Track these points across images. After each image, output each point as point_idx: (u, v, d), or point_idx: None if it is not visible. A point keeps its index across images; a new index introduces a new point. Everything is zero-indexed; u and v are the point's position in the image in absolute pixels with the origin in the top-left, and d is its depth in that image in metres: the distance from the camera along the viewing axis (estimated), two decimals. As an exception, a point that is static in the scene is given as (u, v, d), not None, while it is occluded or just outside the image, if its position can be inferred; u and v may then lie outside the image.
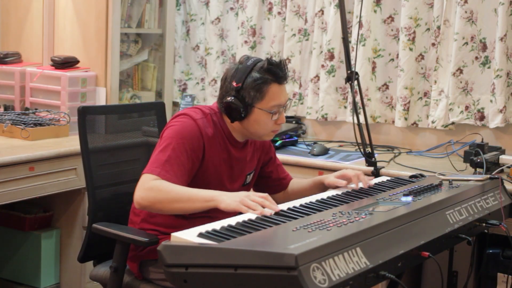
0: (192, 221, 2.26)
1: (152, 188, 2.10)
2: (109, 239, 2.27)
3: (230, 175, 2.35)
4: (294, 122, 3.85)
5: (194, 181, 2.24)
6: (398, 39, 3.60)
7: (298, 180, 2.64)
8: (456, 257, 3.05)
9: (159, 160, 2.16)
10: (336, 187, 2.42)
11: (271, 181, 2.57)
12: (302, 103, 3.92)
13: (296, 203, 2.16)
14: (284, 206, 2.09)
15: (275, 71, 2.25)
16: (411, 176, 2.73)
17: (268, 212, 1.99)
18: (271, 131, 2.33)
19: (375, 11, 3.64)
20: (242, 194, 2.06)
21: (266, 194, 2.08)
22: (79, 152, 2.50)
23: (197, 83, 4.23)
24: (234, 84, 2.25)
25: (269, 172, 2.56)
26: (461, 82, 3.44)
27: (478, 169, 2.84)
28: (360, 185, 2.41)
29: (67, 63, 3.64)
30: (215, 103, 2.36)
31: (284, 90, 2.30)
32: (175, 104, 4.20)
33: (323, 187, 2.50)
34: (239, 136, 2.35)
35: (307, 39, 3.88)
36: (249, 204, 2.01)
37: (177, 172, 2.16)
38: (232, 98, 2.25)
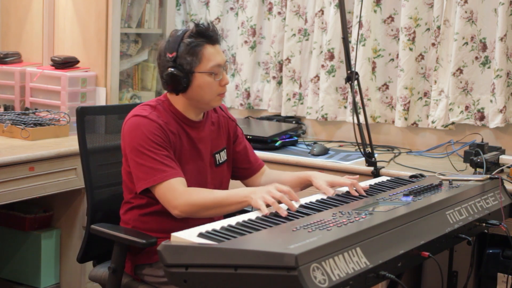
0: (184, 221, 2.25)
1: (186, 200, 2.14)
2: (108, 239, 2.27)
3: (197, 157, 2.34)
4: (294, 122, 3.85)
5: None
6: (398, 39, 3.60)
7: (278, 172, 2.59)
8: (456, 257, 3.05)
9: (150, 169, 2.17)
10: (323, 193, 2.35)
11: (238, 163, 2.53)
12: (302, 103, 3.92)
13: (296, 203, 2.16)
14: (284, 206, 2.09)
15: (206, 33, 2.26)
16: (411, 176, 2.73)
17: (284, 213, 1.99)
18: (217, 95, 2.30)
19: (375, 11, 3.64)
20: (266, 189, 2.07)
21: (288, 189, 2.08)
22: (79, 152, 2.49)
23: (197, 83, 4.23)
24: (169, 55, 2.25)
25: (237, 153, 2.52)
26: (461, 82, 3.44)
27: (478, 169, 2.84)
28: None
29: (67, 63, 3.64)
30: (163, 95, 2.36)
31: (220, 51, 2.30)
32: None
33: (308, 185, 2.46)
34: (193, 115, 2.34)
35: (307, 39, 3.88)
36: (267, 199, 2.03)
37: (172, 165, 2.18)
38: (171, 69, 2.24)
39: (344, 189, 2.36)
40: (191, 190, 2.18)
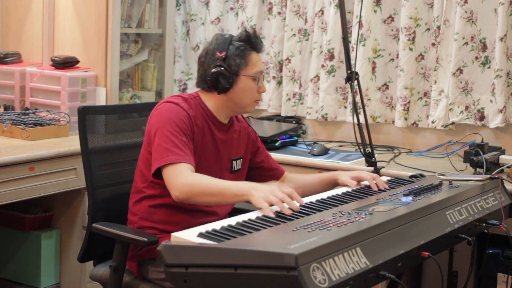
0: (191, 215, 2.27)
1: (188, 183, 2.14)
2: (109, 239, 2.27)
3: (216, 157, 2.37)
4: (294, 122, 3.85)
5: None
6: (398, 39, 3.60)
7: (303, 176, 2.67)
8: (456, 257, 3.05)
9: (166, 150, 2.20)
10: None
11: (264, 171, 2.59)
12: (302, 103, 3.92)
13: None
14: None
15: (254, 40, 2.38)
16: (411, 176, 2.72)
17: (288, 211, 2.00)
18: (254, 101, 2.39)
19: (375, 11, 3.64)
20: (269, 189, 2.07)
21: (292, 190, 2.08)
22: (79, 152, 2.50)
23: (197, 83, 4.23)
24: (218, 54, 2.33)
25: (261, 162, 2.59)
26: (461, 82, 3.44)
27: (478, 169, 2.84)
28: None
29: (67, 63, 3.64)
30: (194, 92, 2.43)
31: (261, 59, 2.42)
32: (175, 104, 4.20)
33: (334, 184, 2.53)
34: (222, 116, 2.39)
35: (307, 39, 3.88)
36: (271, 200, 2.03)
37: (187, 152, 2.21)
38: (219, 68, 2.31)
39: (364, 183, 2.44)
40: (195, 173, 2.20)
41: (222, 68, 2.31)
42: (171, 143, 2.20)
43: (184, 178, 2.15)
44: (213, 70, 2.32)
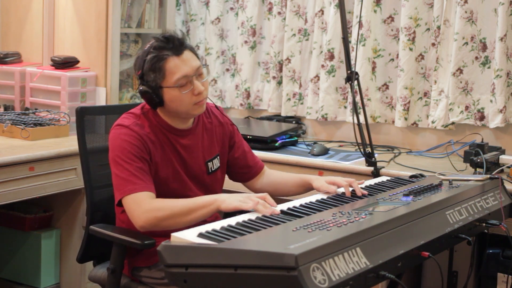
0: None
1: (151, 209, 2.11)
2: (107, 240, 2.27)
3: (183, 164, 2.31)
4: (294, 122, 3.85)
5: (154, 181, 2.22)
6: (398, 39, 3.60)
7: (280, 173, 2.58)
8: (456, 257, 3.05)
9: (122, 180, 2.16)
10: (325, 192, 2.35)
11: (237, 168, 2.51)
12: (302, 103, 3.92)
13: (296, 203, 2.16)
14: (284, 206, 2.09)
15: (166, 46, 2.21)
16: (411, 176, 2.73)
17: (268, 212, 2.00)
18: (193, 105, 2.24)
19: (375, 11, 3.64)
20: (242, 194, 2.07)
21: (265, 194, 2.09)
22: (79, 152, 2.49)
23: (197, 83, 4.22)
24: (137, 72, 2.26)
25: (236, 159, 2.50)
26: (461, 82, 3.44)
27: (478, 169, 2.84)
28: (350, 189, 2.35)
29: (67, 63, 3.64)
30: None
31: (187, 59, 2.22)
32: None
33: (309, 188, 2.45)
34: (179, 123, 2.31)
35: (307, 39, 3.88)
36: (249, 203, 2.03)
37: (143, 178, 2.16)
38: (141, 87, 2.24)
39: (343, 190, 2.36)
40: (156, 199, 2.15)
41: (143, 87, 2.23)
42: (126, 172, 2.16)
43: (145, 206, 2.11)
44: (139, 90, 2.25)
